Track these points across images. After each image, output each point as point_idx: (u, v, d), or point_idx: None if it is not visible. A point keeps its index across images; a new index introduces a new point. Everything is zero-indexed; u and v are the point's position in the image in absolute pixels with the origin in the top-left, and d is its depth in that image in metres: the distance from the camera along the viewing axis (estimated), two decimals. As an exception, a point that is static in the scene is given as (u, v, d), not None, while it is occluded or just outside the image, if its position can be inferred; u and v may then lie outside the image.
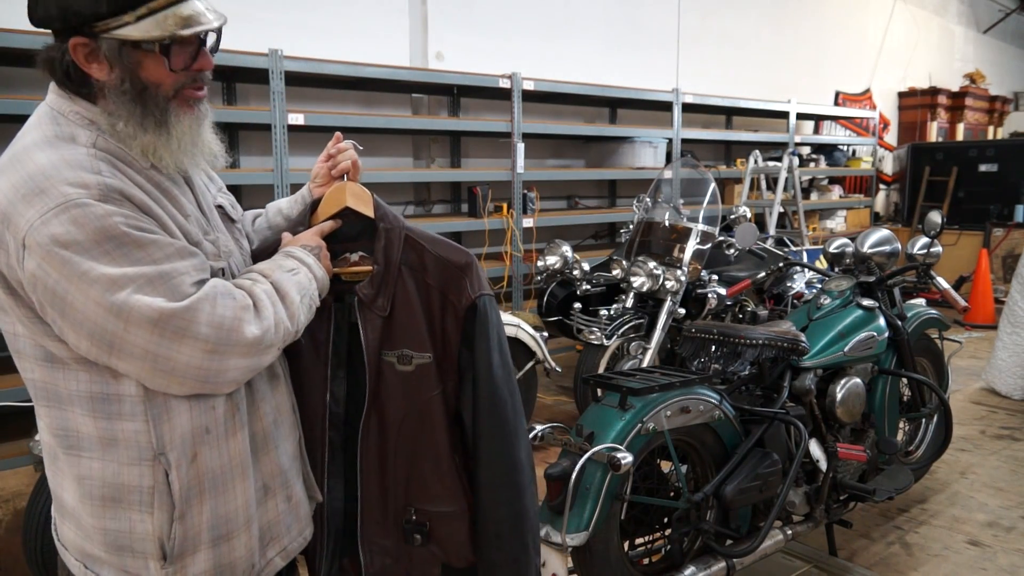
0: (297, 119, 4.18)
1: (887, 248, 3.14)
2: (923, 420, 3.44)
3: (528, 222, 5.33)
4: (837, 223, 9.01)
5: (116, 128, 1.25)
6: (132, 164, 1.27)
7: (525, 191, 5.32)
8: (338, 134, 1.66)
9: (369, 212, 1.56)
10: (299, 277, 1.37)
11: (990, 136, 11.92)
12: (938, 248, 3.14)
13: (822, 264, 3.78)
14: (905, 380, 3.18)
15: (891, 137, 11.01)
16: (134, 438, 1.25)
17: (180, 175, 1.37)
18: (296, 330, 1.35)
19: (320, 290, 1.43)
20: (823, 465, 2.66)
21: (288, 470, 1.47)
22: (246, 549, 1.36)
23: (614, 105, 6.77)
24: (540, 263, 4.36)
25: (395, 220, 1.56)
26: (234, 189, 2.40)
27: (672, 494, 2.47)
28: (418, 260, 1.54)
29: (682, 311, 4.05)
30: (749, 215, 4.13)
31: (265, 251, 1.55)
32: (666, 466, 2.46)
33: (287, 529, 1.47)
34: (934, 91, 10.92)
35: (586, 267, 4.35)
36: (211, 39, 1.33)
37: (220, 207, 1.51)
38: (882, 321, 2.96)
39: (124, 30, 1.21)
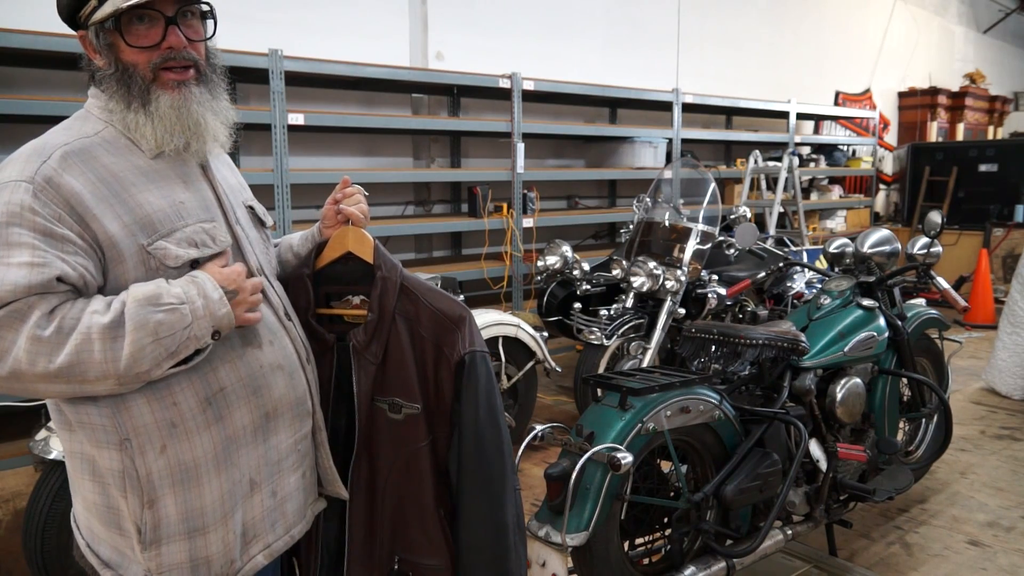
0: (297, 119, 4.18)
1: (887, 248, 3.14)
2: (923, 420, 3.43)
3: (528, 222, 5.34)
4: (837, 223, 9.01)
5: (115, 110, 1.35)
6: (127, 150, 1.34)
7: (525, 191, 5.32)
8: (346, 178, 1.67)
9: (369, 258, 1.58)
10: (169, 317, 1.24)
11: (990, 136, 11.92)
12: (938, 248, 3.14)
13: (822, 264, 3.78)
14: (905, 380, 3.18)
15: (891, 137, 11.01)
16: (99, 422, 1.29)
17: (197, 164, 1.43)
18: (125, 372, 1.22)
19: (202, 333, 1.28)
20: (823, 465, 2.66)
21: (280, 462, 1.46)
22: (223, 544, 1.36)
23: (614, 105, 6.77)
24: (540, 263, 4.36)
25: (392, 269, 1.57)
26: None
27: (672, 494, 2.47)
28: (413, 310, 1.55)
29: (682, 311, 4.05)
30: (749, 215, 4.13)
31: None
32: (666, 466, 2.46)
33: (271, 526, 1.46)
34: (934, 91, 10.93)
35: (586, 267, 4.35)
36: (196, 23, 1.39)
37: (251, 208, 1.56)
38: (882, 321, 2.96)
39: (95, 15, 1.31)
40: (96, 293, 1.28)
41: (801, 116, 8.52)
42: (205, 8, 1.40)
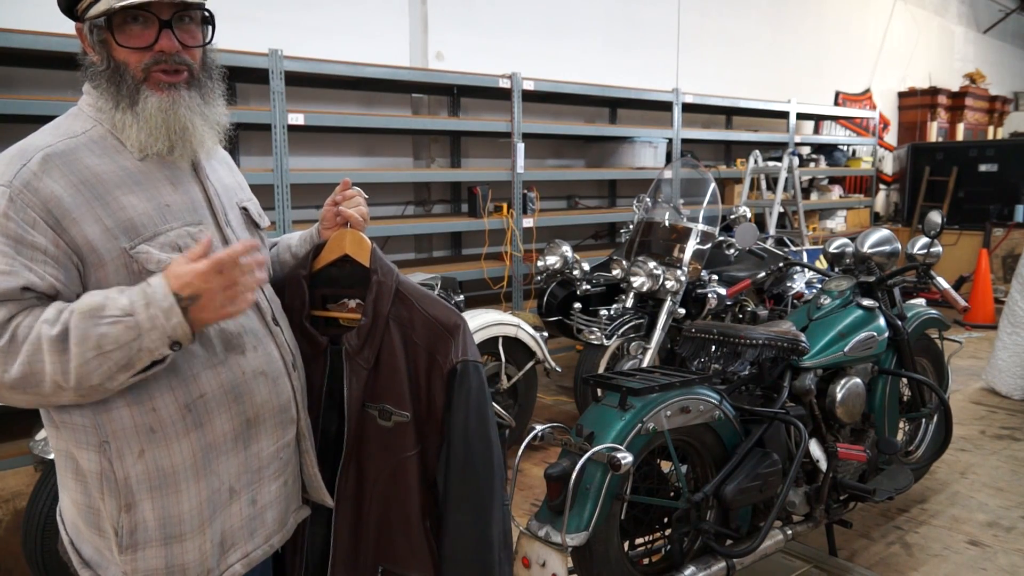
0: (297, 119, 4.18)
1: (887, 248, 3.14)
2: (923, 420, 3.43)
3: (528, 222, 5.34)
4: (837, 223, 9.01)
5: (104, 108, 1.34)
6: (114, 150, 1.33)
7: (525, 191, 5.32)
8: (346, 180, 1.66)
9: (365, 261, 1.57)
10: (113, 330, 1.18)
11: (990, 136, 11.92)
12: (938, 248, 3.14)
13: (822, 264, 3.78)
14: (905, 380, 3.18)
15: (891, 137, 11.01)
16: (80, 423, 1.29)
17: (188, 164, 1.41)
18: (77, 386, 1.19)
19: (155, 345, 1.21)
20: (823, 465, 2.66)
21: (261, 470, 1.44)
22: (199, 552, 1.35)
23: (614, 105, 6.77)
24: (540, 263, 4.36)
25: (388, 273, 1.56)
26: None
27: (672, 494, 2.47)
28: (407, 316, 1.53)
29: (682, 311, 4.05)
30: (749, 215, 4.12)
31: (273, 287, 1.59)
32: (666, 466, 2.46)
33: (251, 535, 1.44)
34: (934, 91, 10.93)
35: (586, 267, 4.35)
36: (195, 28, 1.37)
37: (245, 210, 1.54)
38: (882, 321, 2.96)
39: (91, 9, 1.30)
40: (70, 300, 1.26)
41: (801, 116, 8.52)
42: (205, 14, 1.39)
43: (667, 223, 4.25)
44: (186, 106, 1.35)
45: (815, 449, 2.68)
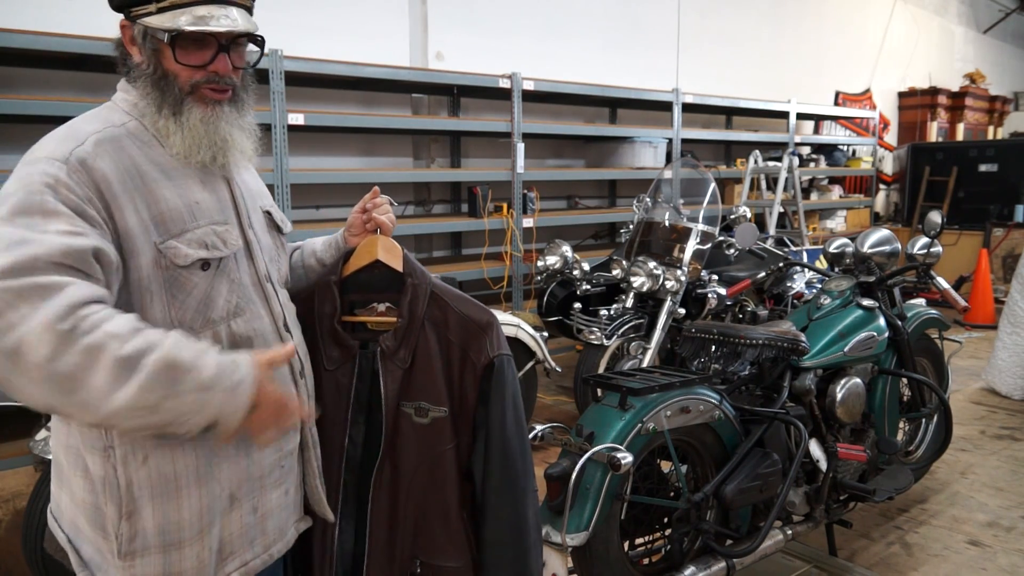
0: (297, 119, 4.18)
1: (887, 248, 3.14)
2: (923, 420, 3.44)
3: (528, 222, 5.34)
4: (837, 223, 9.01)
5: (145, 112, 1.36)
6: (149, 145, 1.35)
7: (525, 191, 5.32)
8: (376, 188, 1.70)
9: (398, 266, 1.61)
10: (183, 401, 1.15)
11: (990, 136, 11.92)
12: (938, 248, 3.14)
13: (822, 264, 3.78)
14: (905, 380, 3.18)
15: (891, 137, 11.01)
16: (87, 426, 1.29)
17: (217, 169, 1.42)
18: (105, 418, 1.12)
19: (201, 423, 1.19)
20: (823, 465, 2.66)
21: (262, 478, 1.44)
22: (197, 560, 1.34)
23: (614, 105, 6.77)
24: (540, 263, 4.36)
25: (423, 276, 1.61)
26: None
27: (672, 494, 2.47)
28: (441, 316, 1.59)
29: (682, 311, 4.05)
30: (749, 215, 4.12)
31: (296, 292, 1.61)
32: (666, 466, 2.46)
33: (250, 543, 1.44)
34: (934, 91, 10.93)
35: (586, 267, 4.35)
36: (249, 50, 1.42)
37: (269, 213, 1.56)
38: (882, 321, 2.96)
39: (148, 18, 1.32)
40: (117, 282, 1.24)
41: (801, 116, 8.52)
42: (258, 38, 1.42)
43: (667, 223, 4.25)
44: (226, 120, 1.39)
45: (815, 449, 2.68)
